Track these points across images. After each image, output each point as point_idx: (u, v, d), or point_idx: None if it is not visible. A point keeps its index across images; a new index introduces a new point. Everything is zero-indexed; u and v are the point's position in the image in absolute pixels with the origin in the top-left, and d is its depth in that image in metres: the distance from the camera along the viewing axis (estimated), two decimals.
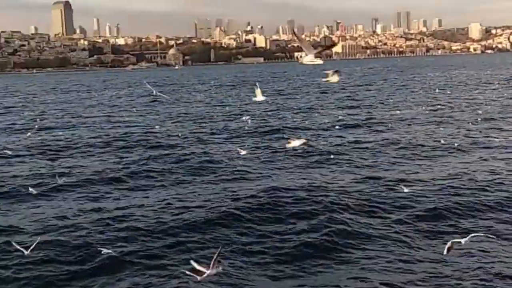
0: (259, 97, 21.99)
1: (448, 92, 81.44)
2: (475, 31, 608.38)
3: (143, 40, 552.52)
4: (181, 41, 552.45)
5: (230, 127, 50.82)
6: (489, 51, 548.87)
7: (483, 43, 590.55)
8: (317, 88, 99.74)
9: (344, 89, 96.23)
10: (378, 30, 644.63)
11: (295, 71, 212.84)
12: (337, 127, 48.10)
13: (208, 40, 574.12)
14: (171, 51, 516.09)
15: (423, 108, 60.01)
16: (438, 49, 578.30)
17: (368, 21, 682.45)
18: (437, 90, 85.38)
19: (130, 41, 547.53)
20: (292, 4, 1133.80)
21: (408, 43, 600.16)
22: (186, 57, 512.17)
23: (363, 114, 57.64)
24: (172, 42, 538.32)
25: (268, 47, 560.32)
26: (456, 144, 36.74)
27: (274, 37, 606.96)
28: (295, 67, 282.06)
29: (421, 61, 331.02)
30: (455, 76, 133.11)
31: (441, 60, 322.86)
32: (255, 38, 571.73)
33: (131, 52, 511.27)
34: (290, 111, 63.78)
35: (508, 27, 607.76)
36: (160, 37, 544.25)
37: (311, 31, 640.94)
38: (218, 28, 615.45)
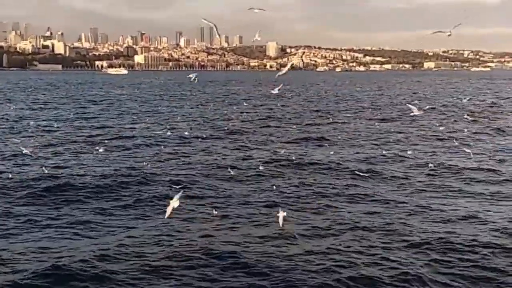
0: None
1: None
2: (272, 49, 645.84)
3: None
4: None
5: None
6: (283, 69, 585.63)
7: (279, 61, 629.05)
8: None
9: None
10: (182, 43, 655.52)
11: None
12: None
13: (2, 43, 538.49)
14: None
15: None
16: (238, 64, 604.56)
17: (173, 34, 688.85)
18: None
19: None
20: (97, 12, 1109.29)
21: (210, 57, 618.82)
22: None
23: None
24: None
25: (67, 54, 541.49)
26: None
27: (76, 44, 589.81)
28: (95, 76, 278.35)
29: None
30: None
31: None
32: (53, 44, 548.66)
33: None
34: None
35: (301, 47, 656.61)
36: None
37: (115, 40, 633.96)
38: (14, 32, 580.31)
